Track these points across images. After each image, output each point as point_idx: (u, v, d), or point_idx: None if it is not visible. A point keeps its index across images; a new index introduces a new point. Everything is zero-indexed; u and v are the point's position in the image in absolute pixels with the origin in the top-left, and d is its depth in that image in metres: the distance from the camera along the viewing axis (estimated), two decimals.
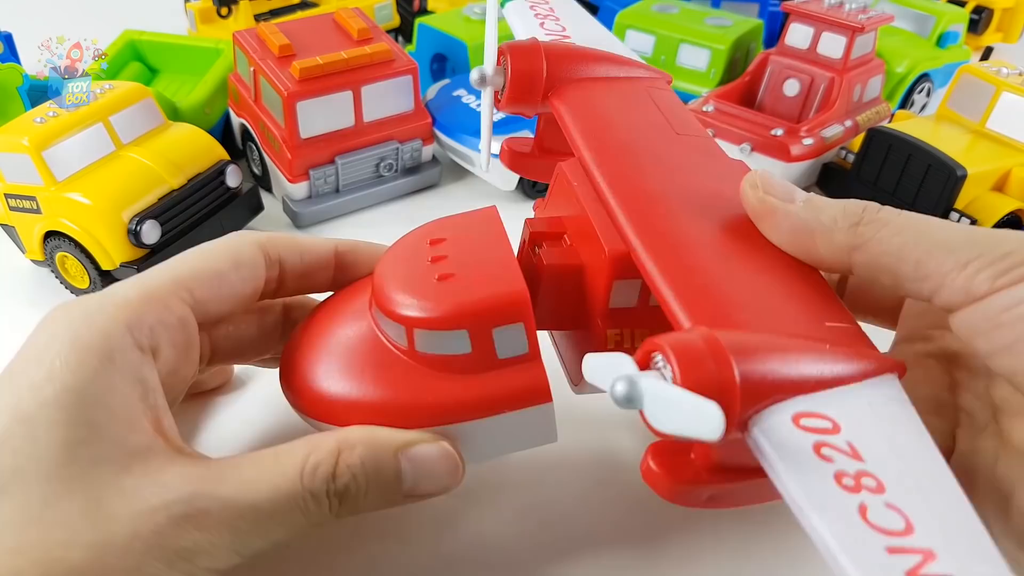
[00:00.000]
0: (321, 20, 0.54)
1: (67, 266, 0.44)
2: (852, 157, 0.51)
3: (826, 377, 0.20)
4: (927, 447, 0.19)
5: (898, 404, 0.20)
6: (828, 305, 0.23)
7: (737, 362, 0.18)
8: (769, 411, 0.19)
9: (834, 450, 0.18)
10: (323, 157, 0.50)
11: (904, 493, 0.18)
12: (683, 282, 0.22)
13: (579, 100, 0.30)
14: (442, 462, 0.24)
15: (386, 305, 0.25)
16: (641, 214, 0.24)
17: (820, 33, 0.53)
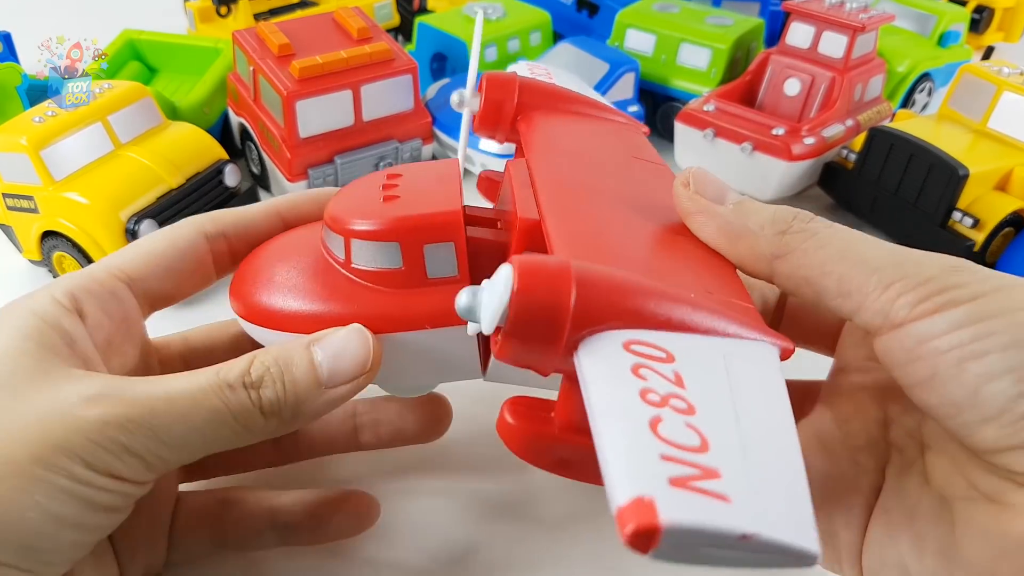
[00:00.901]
0: (321, 19, 0.54)
1: (64, 266, 0.44)
2: (854, 157, 0.51)
3: (677, 320, 0.19)
4: (774, 406, 0.18)
5: (763, 366, 0.19)
6: (726, 285, 0.22)
7: (578, 283, 0.18)
8: (603, 334, 0.18)
9: (654, 372, 0.17)
10: (322, 156, 0.50)
11: (715, 423, 0.16)
12: (579, 243, 0.22)
13: (543, 125, 0.31)
14: (353, 339, 0.24)
15: (330, 218, 0.26)
16: (564, 197, 0.24)
17: (821, 32, 0.53)
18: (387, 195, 0.27)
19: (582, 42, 0.60)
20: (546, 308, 0.18)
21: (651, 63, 0.61)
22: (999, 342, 0.18)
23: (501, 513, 0.33)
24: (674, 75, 0.60)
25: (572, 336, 0.18)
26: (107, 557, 0.26)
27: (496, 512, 0.33)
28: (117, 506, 0.22)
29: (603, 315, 0.19)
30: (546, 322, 0.18)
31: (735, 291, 0.21)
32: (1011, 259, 0.46)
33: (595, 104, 0.33)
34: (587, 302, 0.18)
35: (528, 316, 0.18)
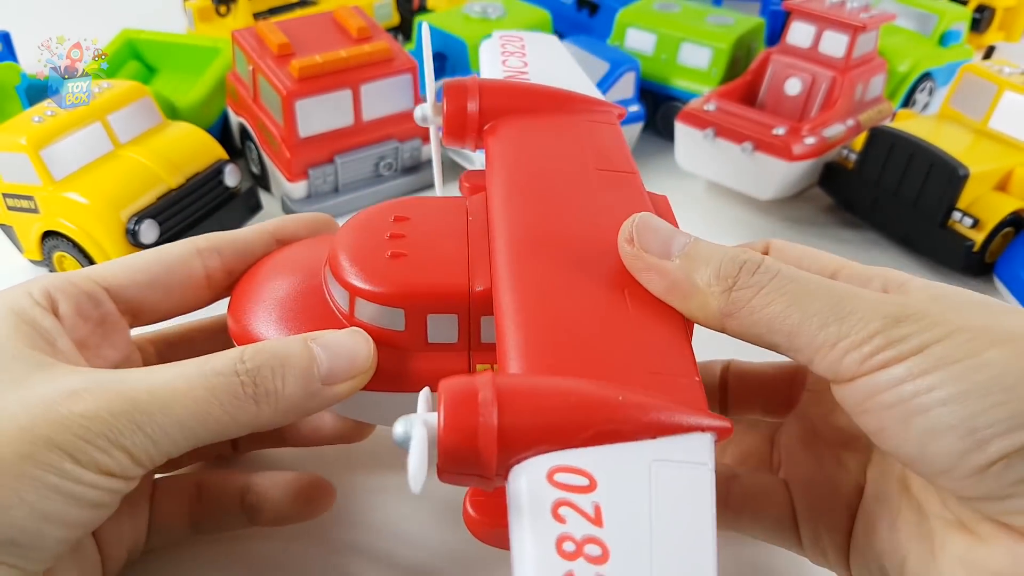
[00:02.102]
0: (320, 19, 0.53)
1: (65, 266, 0.44)
2: (854, 156, 0.51)
3: (604, 432, 0.19)
4: (692, 518, 0.18)
5: (689, 468, 0.19)
6: (673, 348, 0.22)
7: (503, 411, 0.19)
8: (530, 461, 0.19)
9: (574, 510, 0.18)
10: (322, 156, 0.50)
11: (625, 568, 0.17)
12: (524, 323, 0.22)
13: (507, 139, 0.30)
14: (353, 338, 0.25)
15: (337, 269, 0.26)
16: (519, 253, 0.25)
17: (822, 32, 0.53)
18: (395, 251, 0.26)
19: (582, 41, 0.60)
20: (471, 449, 0.19)
21: (651, 62, 0.61)
22: (941, 396, 0.19)
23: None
24: (675, 74, 0.60)
25: (501, 466, 0.19)
26: (88, 546, 0.26)
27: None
28: (104, 502, 0.22)
29: (529, 442, 0.19)
30: (473, 460, 0.19)
31: (680, 357, 0.21)
32: (1011, 259, 0.46)
33: (566, 97, 0.33)
34: (512, 433, 0.19)
35: (455, 456, 0.19)
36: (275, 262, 0.29)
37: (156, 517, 0.29)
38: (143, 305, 0.27)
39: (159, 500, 0.29)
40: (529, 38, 0.39)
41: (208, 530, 0.30)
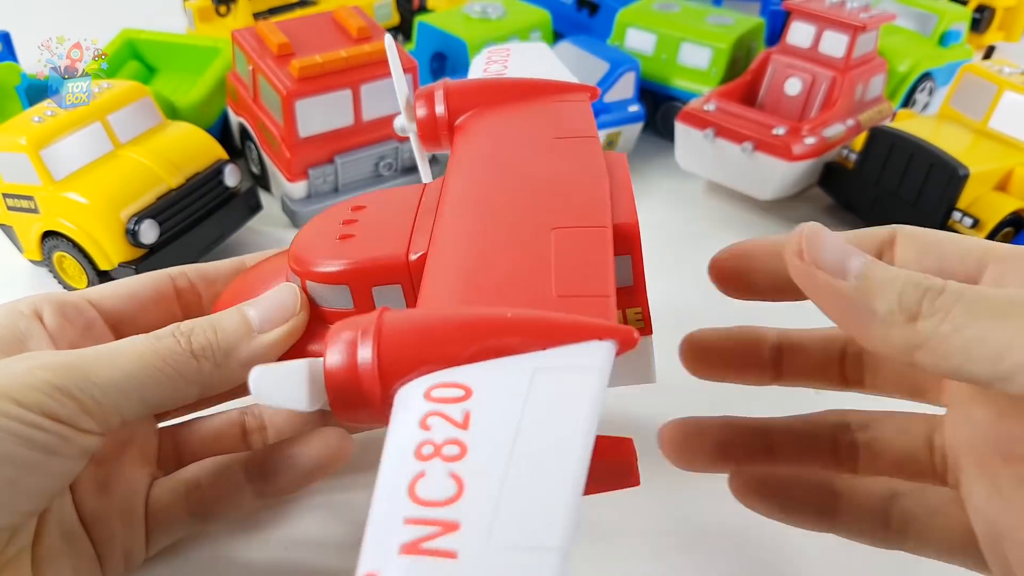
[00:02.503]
0: (320, 18, 0.53)
1: (65, 266, 0.44)
2: (854, 156, 0.51)
3: (488, 348, 0.19)
4: (566, 417, 0.17)
5: (574, 373, 0.18)
6: (584, 280, 0.22)
7: (381, 343, 0.20)
8: (411, 384, 0.19)
9: (442, 418, 0.18)
10: (322, 156, 0.50)
11: (483, 463, 0.16)
12: (443, 269, 0.23)
13: (471, 129, 0.31)
14: (278, 291, 0.26)
15: (290, 258, 0.28)
16: (460, 219, 0.25)
17: (822, 32, 0.53)
18: (344, 233, 0.28)
19: (582, 41, 0.60)
20: (354, 382, 0.20)
21: (651, 62, 0.61)
22: None
23: None
24: (674, 74, 0.60)
25: (385, 395, 0.19)
26: (85, 550, 0.26)
27: None
28: (57, 448, 0.22)
29: (409, 367, 0.19)
30: (357, 393, 0.20)
31: (594, 281, 0.21)
32: None
33: (532, 86, 0.33)
34: (391, 361, 0.19)
35: (341, 392, 0.20)
36: (255, 271, 0.31)
37: (156, 514, 0.29)
38: (123, 316, 0.29)
39: (157, 495, 0.29)
40: (517, 48, 0.40)
41: (214, 517, 0.30)
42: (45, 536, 0.25)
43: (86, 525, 0.27)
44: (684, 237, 0.52)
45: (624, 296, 0.26)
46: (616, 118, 0.57)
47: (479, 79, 0.35)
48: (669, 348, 0.42)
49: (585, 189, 0.25)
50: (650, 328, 0.27)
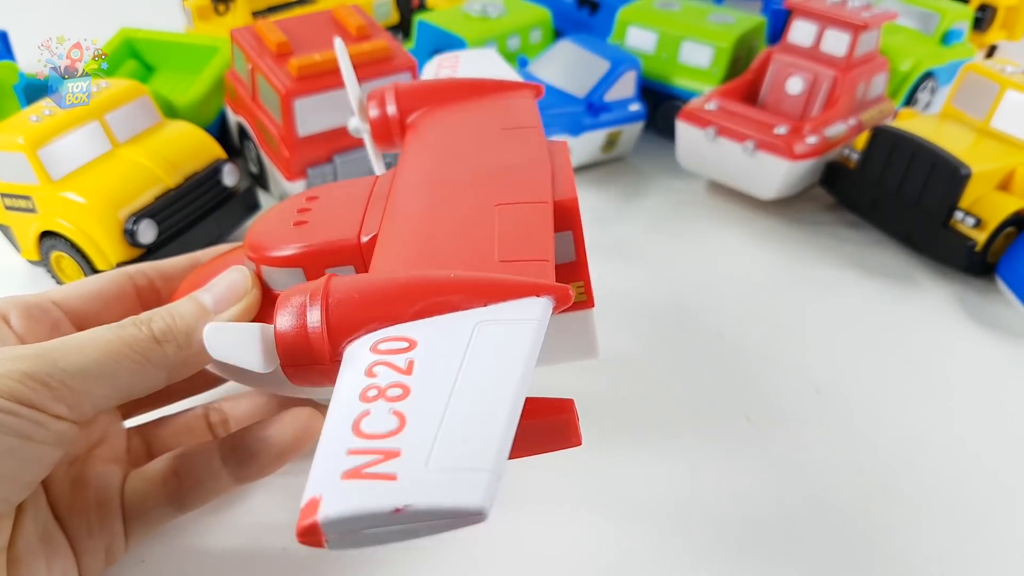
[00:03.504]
0: (319, 17, 0.53)
1: (63, 266, 0.44)
2: (856, 156, 0.51)
3: (433, 305, 0.20)
4: (503, 361, 0.18)
5: (513, 324, 0.20)
6: (531, 238, 0.23)
7: (329, 303, 0.21)
8: (359, 340, 0.20)
9: (387, 367, 0.19)
10: (321, 155, 0.49)
11: (424, 400, 0.17)
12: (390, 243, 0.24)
13: (422, 127, 0.33)
14: (229, 274, 0.28)
15: (246, 245, 0.28)
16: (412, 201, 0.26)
17: (824, 30, 0.53)
18: (298, 219, 0.28)
19: (583, 40, 0.60)
20: (303, 340, 0.21)
21: (652, 61, 0.60)
22: None
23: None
24: (676, 73, 0.60)
25: (334, 352, 0.20)
26: (61, 548, 0.26)
27: None
28: (31, 433, 0.22)
29: (356, 324, 0.20)
30: (307, 351, 0.21)
31: (535, 247, 0.23)
32: (1013, 259, 0.45)
33: (479, 85, 0.35)
34: (339, 319, 0.20)
35: (291, 351, 0.21)
36: (209, 266, 0.31)
37: (134, 504, 0.29)
38: (87, 315, 0.30)
39: (131, 489, 0.29)
40: (466, 55, 0.41)
41: (192, 504, 0.30)
42: (20, 537, 0.25)
43: (62, 522, 0.27)
44: (685, 237, 0.52)
45: (567, 271, 0.27)
46: (617, 117, 0.57)
47: (428, 80, 0.36)
48: (669, 348, 0.42)
49: (528, 171, 0.27)
50: (592, 301, 0.27)
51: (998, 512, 0.33)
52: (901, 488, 0.34)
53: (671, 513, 0.33)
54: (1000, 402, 0.39)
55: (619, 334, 0.33)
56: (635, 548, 0.31)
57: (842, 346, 0.42)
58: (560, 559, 0.31)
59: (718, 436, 0.36)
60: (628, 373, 0.39)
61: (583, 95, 0.56)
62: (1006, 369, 0.41)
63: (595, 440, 0.36)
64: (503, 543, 0.31)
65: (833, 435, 0.37)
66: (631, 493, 0.34)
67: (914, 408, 0.38)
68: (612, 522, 0.32)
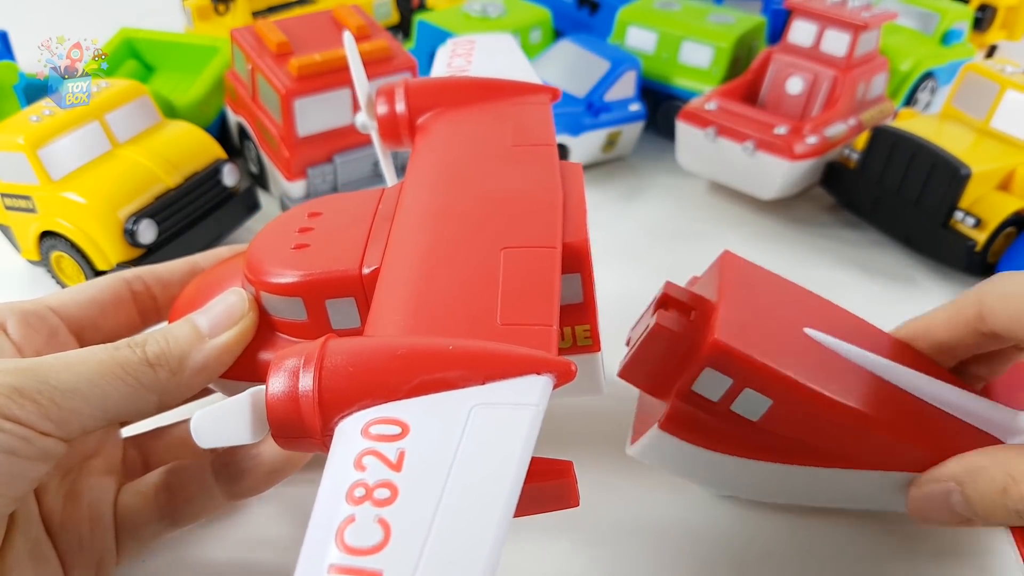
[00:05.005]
0: (319, 17, 0.53)
1: (63, 266, 0.44)
2: (856, 156, 0.51)
3: (428, 381, 0.19)
4: (498, 457, 0.17)
5: (510, 409, 0.18)
6: (530, 307, 0.22)
7: (322, 375, 0.19)
8: (351, 418, 0.19)
9: (377, 458, 0.18)
10: (321, 155, 0.49)
11: (411, 509, 0.16)
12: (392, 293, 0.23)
13: (431, 131, 0.31)
14: (226, 297, 0.27)
15: (246, 266, 0.28)
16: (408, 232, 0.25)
17: (824, 30, 0.53)
18: (299, 242, 0.27)
19: (583, 40, 0.60)
20: (295, 413, 0.20)
21: (652, 61, 0.60)
22: None
23: None
24: (675, 73, 0.60)
25: (326, 427, 0.19)
26: (50, 560, 0.26)
27: None
28: (16, 448, 0.22)
29: (350, 400, 0.19)
30: (298, 424, 0.20)
31: (540, 309, 0.21)
32: (1013, 259, 0.45)
33: (493, 86, 0.33)
34: (331, 394, 0.19)
35: (282, 423, 0.20)
36: (211, 274, 0.31)
37: (124, 520, 0.29)
38: (84, 321, 0.30)
39: (124, 503, 0.29)
40: (481, 40, 0.40)
41: (185, 520, 0.30)
42: (9, 551, 0.24)
43: (53, 535, 0.27)
44: (685, 237, 0.52)
45: (573, 313, 0.26)
46: (617, 117, 0.57)
47: (441, 78, 0.35)
48: None
49: (537, 205, 0.26)
50: (598, 345, 0.27)
51: None
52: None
53: (671, 513, 0.33)
54: None
55: (619, 335, 0.32)
56: (634, 547, 0.31)
57: None
58: (560, 557, 0.31)
59: None
60: None
61: (583, 95, 0.56)
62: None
63: (595, 440, 0.36)
64: None
65: None
66: (631, 490, 0.34)
67: None
68: (611, 520, 0.32)
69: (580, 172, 0.29)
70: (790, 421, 0.26)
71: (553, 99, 0.33)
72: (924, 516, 0.27)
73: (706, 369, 0.26)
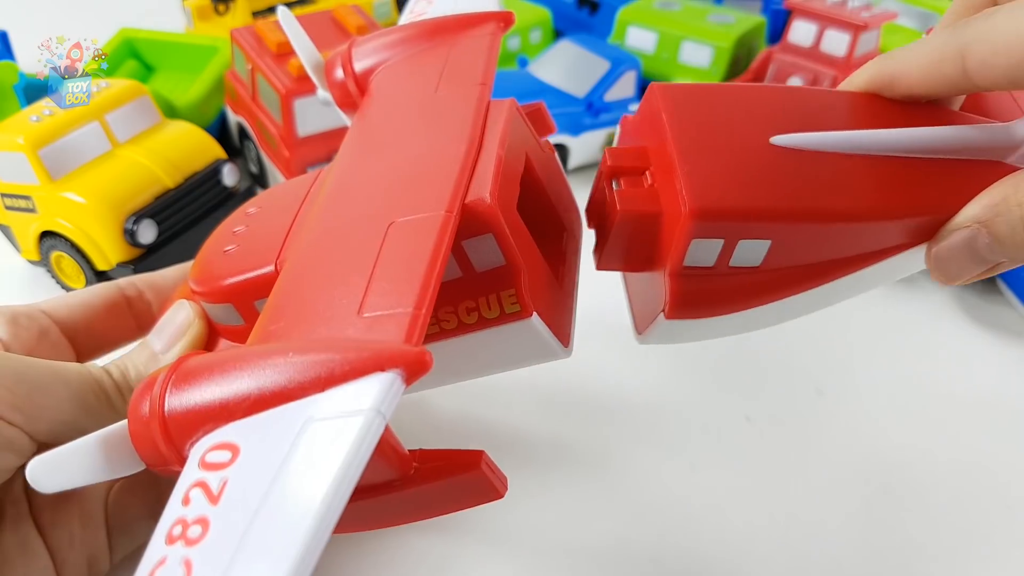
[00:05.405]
0: (319, 17, 0.53)
1: (63, 266, 0.44)
2: None
3: (270, 395, 0.17)
4: (313, 482, 0.15)
5: (340, 421, 0.16)
6: (398, 291, 0.19)
7: (167, 401, 0.18)
8: (197, 444, 0.18)
9: (202, 490, 0.17)
10: (321, 155, 0.49)
11: (214, 547, 0.15)
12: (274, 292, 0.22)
13: (368, 99, 0.30)
14: (172, 311, 0.28)
15: (190, 275, 0.27)
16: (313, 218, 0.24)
17: (823, 30, 0.53)
18: (229, 244, 0.27)
19: (583, 40, 0.60)
20: (151, 442, 0.19)
21: (652, 61, 0.60)
22: None
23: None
24: (676, 73, 0.60)
25: (179, 456, 0.18)
26: (39, 558, 0.26)
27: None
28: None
29: (194, 426, 0.18)
30: (155, 452, 0.19)
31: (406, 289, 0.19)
32: None
33: (436, 26, 0.31)
34: (174, 421, 0.18)
35: (144, 451, 0.19)
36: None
37: (115, 518, 0.29)
38: (78, 325, 0.30)
39: (115, 501, 0.29)
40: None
41: None
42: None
43: (43, 532, 0.27)
44: None
45: (495, 279, 0.23)
46: (617, 117, 0.56)
47: (386, 30, 0.32)
48: (669, 348, 0.42)
49: (440, 165, 0.23)
50: (529, 311, 0.23)
51: (999, 512, 0.33)
52: (901, 488, 0.34)
53: (671, 513, 0.33)
54: (1000, 402, 0.39)
55: (619, 335, 0.33)
56: (634, 548, 0.31)
57: (842, 347, 0.42)
58: (559, 553, 0.31)
59: (718, 436, 0.36)
60: (628, 373, 0.39)
61: (583, 95, 0.56)
62: (1006, 369, 0.41)
63: (595, 440, 0.36)
64: (514, 528, 0.31)
65: (833, 436, 0.37)
66: (630, 492, 0.34)
67: (914, 409, 0.38)
68: (612, 520, 0.32)
69: (511, 109, 0.26)
70: (794, 251, 0.24)
71: (505, 25, 0.31)
72: (948, 273, 0.23)
73: (693, 241, 0.23)
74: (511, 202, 0.23)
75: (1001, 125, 0.24)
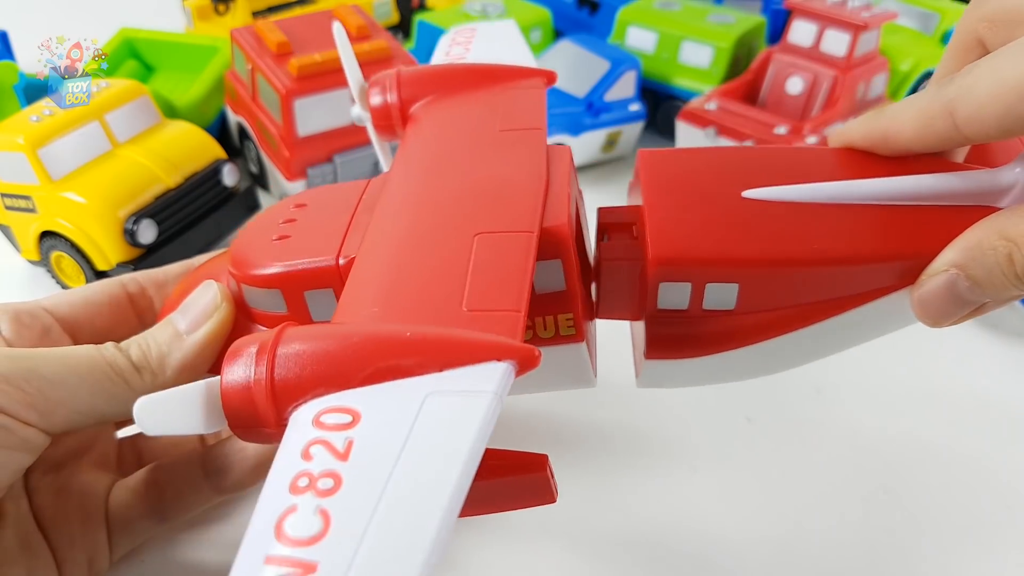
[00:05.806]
0: (319, 17, 0.53)
1: (63, 266, 0.44)
2: None
3: (383, 369, 0.19)
4: (447, 448, 0.17)
5: (465, 397, 0.18)
6: (499, 293, 0.21)
7: (275, 364, 0.19)
8: (303, 407, 0.19)
9: (325, 447, 0.17)
10: (321, 155, 0.49)
11: (353, 499, 0.16)
12: (362, 282, 0.23)
13: (421, 121, 0.31)
14: (198, 291, 0.27)
15: (230, 260, 0.27)
16: (386, 220, 0.25)
17: (824, 30, 0.53)
18: (281, 233, 0.27)
19: (583, 40, 0.60)
20: (249, 404, 0.19)
21: (652, 61, 0.60)
22: None
23: None
24: (676, 73, 0.60)
25: (279, 417, 0.19)
26: (42, 556, 0.26)
27: None
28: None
29: (302, 390, 0.19)
30: (252, 414, 0.19)
31: (509, 294, 0.21)
32: None
33: (486, 72, 0.33)
34: (283, 384, 0.19)
35: (236, 413, 0.19)
36: (200, 271, 0.31)
37: (115, 517, 0.29)
38: (79, 321, 0.29)
39: (115, 500, 0.29)
40: (483, 28, 0.39)
41: (174, 515, 0.30)
42: (0, 542, 0.25)
43: (45, 530, 0.27)
44: None
45: (556, 301, 0.25)
46: (617, 117, 0.57)
47: (434, 66, 0.34)
48: None
49: (518, 191, 0.25)
50: (581, 335, 0.25)
51: (999, 512, 0.33)
52: (901, 488, 0.34)
53: (671, 513, 0.33)
54: (1000, 402, 0.39)
55: (618, 335, 0.33)
56: (634, 547, 0.31)
57: None
58: (559, 552, 0.31)
59: (718, 436, 0.36)
60: (627, 373, 0.39)
61: (583, 95, 0.56)
62: (1006, 369, 0.41)
63: (595, 440, 0.36)
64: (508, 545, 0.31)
65: (833, 435, 0.37)
66: (630, 492, 0.34)
67: (914, 408, 0.38)
68: (612, 519, 0.32)
69: (567, 155, 0.28)
70: (767, 294, 0.25)
71: (548, 83, 0.33)
72: (933, 316, 0.24)
73: (660, 285, 0.25)
74: (577, 234, 0.25)
75: (987, 171, 0.24)
